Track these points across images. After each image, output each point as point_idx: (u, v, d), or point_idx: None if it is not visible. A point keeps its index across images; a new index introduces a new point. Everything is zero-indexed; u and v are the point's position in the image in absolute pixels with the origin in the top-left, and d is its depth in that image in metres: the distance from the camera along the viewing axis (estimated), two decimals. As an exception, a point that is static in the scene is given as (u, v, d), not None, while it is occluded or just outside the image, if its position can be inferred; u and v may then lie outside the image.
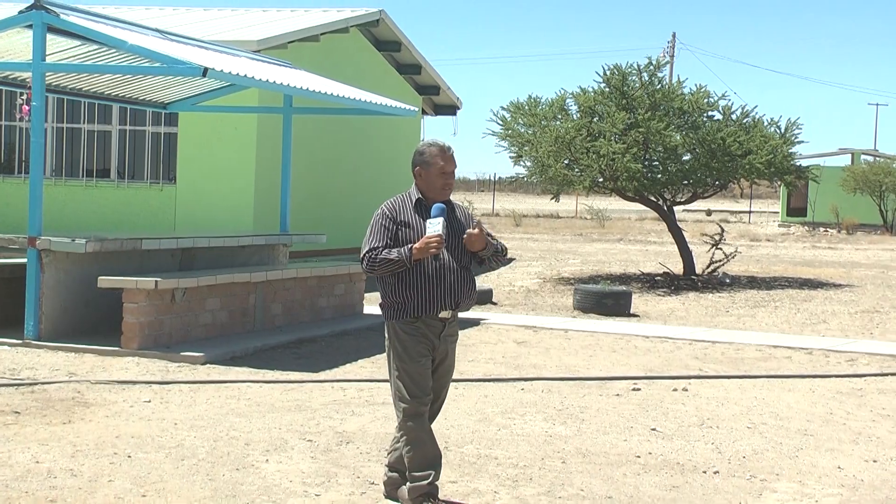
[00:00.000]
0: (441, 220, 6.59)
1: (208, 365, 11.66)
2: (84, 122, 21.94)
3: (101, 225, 19.25)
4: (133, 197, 21.84)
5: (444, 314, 6.72)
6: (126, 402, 9.69)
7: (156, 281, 12.03)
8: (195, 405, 9.69)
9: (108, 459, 7.77)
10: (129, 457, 7.87)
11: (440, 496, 6.75)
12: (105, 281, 12.15)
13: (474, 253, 6.80)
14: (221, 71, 12.88)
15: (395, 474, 6.92)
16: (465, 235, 6.73)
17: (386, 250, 6.64)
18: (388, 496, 6.94)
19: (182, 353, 11.87)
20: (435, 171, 6.74)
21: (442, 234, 6.55)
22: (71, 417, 9.03)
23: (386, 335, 6.88)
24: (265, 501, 6.92)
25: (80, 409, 9.36)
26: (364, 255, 6.71)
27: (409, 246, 6.60)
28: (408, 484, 6.78)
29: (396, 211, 6.77)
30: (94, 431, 8.58)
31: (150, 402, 9.76)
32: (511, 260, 7.27)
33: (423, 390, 6.73)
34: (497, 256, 6.90)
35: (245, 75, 13.52)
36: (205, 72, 12.35)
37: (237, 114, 19.56)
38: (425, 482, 6.70)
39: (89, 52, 14.03)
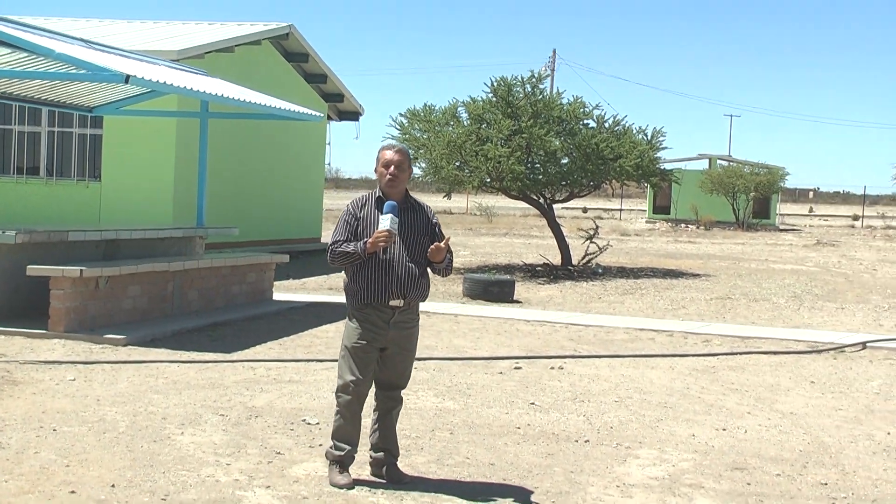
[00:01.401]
0: (390, 216, 6.55)
1: (129, 346, 11.50)
2: (15, 124, 21.50)
3: (31, 218, 18.89)
4: (61, 193, 21.51)
5: (394, 302, 6.67)
6: (52, 381, 9.53)
7: (81, 269, 11.84)
8: (117, 383, 9.56)
9: (34, 433, 7.63)
10: (55, 430, 7.74)
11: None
12: (33, 269, 11.92)
13: (434, 264, 6.80)
14: (143, 78, 12.72)
15: (379, 454, 6.88)
16: (431, 246, 6.70)
17: (345, 244, 6.65)
18: (372, 474, 6.87)
19: (105, 336, 11.69)
20: (379, 163, 6.76)
21: (391, 230, 6.52)
22: (0, 395, 8.85)
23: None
24: (180, 470, 6.84)
25: (8, 387, 9.18)
26: (329, 247, 6.75)
27: (365, 240, 6.60)
28: (329, 447, 6.81)
29: (358, 207, 6.76)
30: (21, 407, 8.41)
31: (74, 380, 9.60)
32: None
33: (360, 373, 6.69)
34: (447, 269, 6.87)
35: (165, 82, 13.35)
36: (127, 78, 12.17)
37: (158, 118, 19.37)
38: (340, 453, 6.72)
39: (20, 59, 13.74)
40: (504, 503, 6.46)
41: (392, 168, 6.70)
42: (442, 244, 6.70)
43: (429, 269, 6.88)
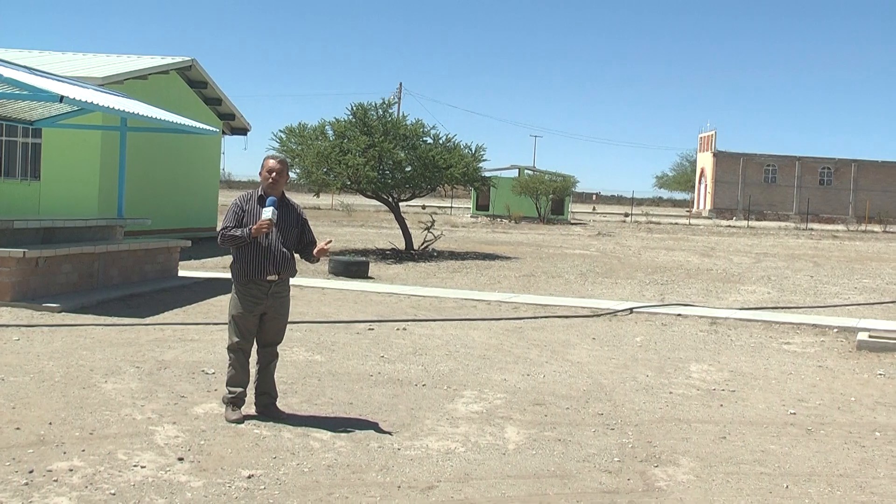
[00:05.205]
0: (272, 209, 6.60)
1: (63, 313, 11.17)
2: (-33, 133, 20.57)
3: (-19, 210, 18.17)
4: (7, 190, 20.72)
5: (270, 277, 6.67)
6: (0, 341, 9.22)
7: (23, 251, 11.46)
8: (53, 342, 9.28)
9: (-15, 382, 7.39)
10: (2, 380, 7.50)
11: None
12: (-17, 251, 11.50)
13: (308, 252, 6.80)
14: (74, 98, 12.33)
15: (262, 397, 6.85)
16: (316, 248, 6.72)
17: (234, 229, 6.63)
18: (257, 412, 6.81)
19: (43, 305, 11.33)
20: (264, 169, 6.75)
21: (272, 219, 6.55)
22: (-44, 352, 8.52)
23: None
24: (104, 411, 6.71)
25: (-37, 345, 8.84)
26: (219, 231, 6.70)
27: (249, 227, 6.59)
28: (225, 393, 6.80)
29: (244, 201, 6.77)
30: (-26, 362, 8.12)
31: (18, 340, 9.30)
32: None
33: (243, 335, 6.73)
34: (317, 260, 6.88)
35: (92, 102, 12.98)
36: (61, 98, 11.80)
37: (86, 130, 18.82)
38: (233, 395, 6.75)
39: (-29, 82, 13.14)
40: (360, 432, 6.51)
41: (274, 174, 6.73)
42: (326, 246, 6.76)
43: (296, 254, 6.92)
